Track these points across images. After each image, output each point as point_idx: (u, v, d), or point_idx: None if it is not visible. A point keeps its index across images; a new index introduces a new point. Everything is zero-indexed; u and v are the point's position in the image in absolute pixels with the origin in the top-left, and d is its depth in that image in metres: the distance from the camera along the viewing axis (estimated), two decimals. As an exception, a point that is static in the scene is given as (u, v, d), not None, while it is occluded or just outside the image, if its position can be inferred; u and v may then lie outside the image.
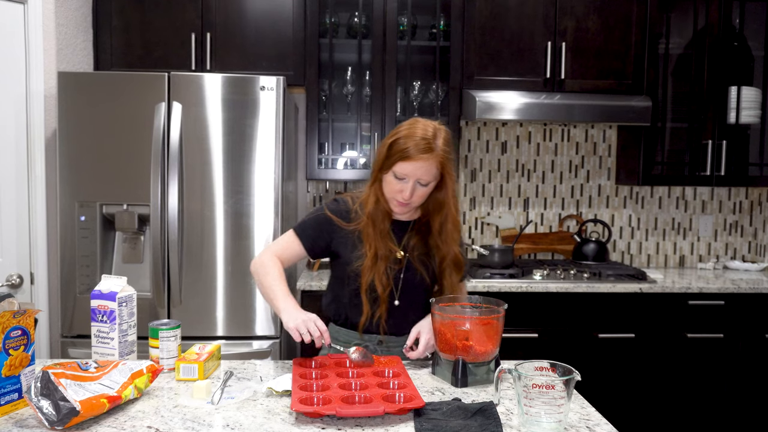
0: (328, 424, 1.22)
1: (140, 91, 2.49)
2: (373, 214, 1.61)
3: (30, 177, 2.52)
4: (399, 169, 1.54)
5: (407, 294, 1.66)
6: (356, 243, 1.63)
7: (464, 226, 3.39)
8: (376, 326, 1.66)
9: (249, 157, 2.53)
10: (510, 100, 2.91)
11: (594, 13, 3.01)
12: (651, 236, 3.47)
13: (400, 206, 1.61)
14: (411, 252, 1.66)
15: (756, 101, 3.09)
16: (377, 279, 1.59)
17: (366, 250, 1.60)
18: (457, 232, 1.67)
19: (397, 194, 1.57)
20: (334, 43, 3.02)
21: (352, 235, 1.64)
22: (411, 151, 1.52)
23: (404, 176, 1.55)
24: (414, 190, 1.56)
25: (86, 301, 2.45)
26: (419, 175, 1.54)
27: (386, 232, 1.63)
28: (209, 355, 1.52)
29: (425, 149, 1.52)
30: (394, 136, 1.56)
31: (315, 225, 1.67)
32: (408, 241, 1.67)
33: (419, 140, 1.53)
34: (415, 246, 1.67)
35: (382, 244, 1.60)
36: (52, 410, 1.17)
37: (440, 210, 1.64)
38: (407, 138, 1.53)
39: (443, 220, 1.64)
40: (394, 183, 1.57)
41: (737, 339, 2.87)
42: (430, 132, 1.55)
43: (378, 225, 1.61)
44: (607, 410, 1.61)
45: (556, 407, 1.19)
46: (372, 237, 1.60)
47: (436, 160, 1.55)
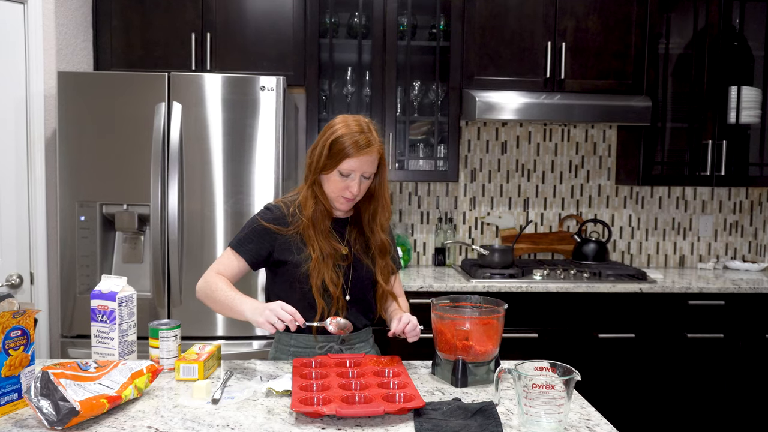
0: (328, 424, 1.22)
1: (140, 91, 2.49)
2: (313, 215, 1.62)
3: (30, 177, 2.52)
4: (345, 166, 1.56)
5: (357, 288, 1.68)
6: (300, 245, 1.63)
7: (464, 226, 3.39)
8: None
9: (249, 157, 2.53)
10: (510, 100, 2.91)
11: (594, 13, 3.01)
12: (651, 236, 3.47)
13: (347, 202, 1.63)
14: (354, 246, 1.68)
15: (756, 101, 3.09)
16: (327, 278, 1.60)
17: (311, 252, 1.60)
18: (386, 219, 1.70)
19: (344, 191, 1.59)
20: (334, 43, 3.02)
21: (293, 239, 1.64)
22: (356, 147, 1.55)
23: (350, 172, 1.57)
24: (360, 184, 1.59)
25: (86, 301, 2.45)
26: (365, 169, 1.58)
27: (328, 231, 1.64)
28: (209, 355, 1.52)
29: (367, 143, 1.56)
30: (332, 135, 1.57)
31: (253, 238, 1.65)
32: (349, 235, 1.69)
33: (360, 136, 1.56)
34: (356, 239, 1.69)
35: (325, 243, 1.61)
36: (51, 410, 1.17)
37: (371, 198, 1.68)
38: (347, 135, 1.56)
39: (374, 209, 1.68)
40: (338, 181, 1.58)
41: (737, 339, 2.86)
42: (364, 126, 1.59)
43: (318, 225, 1.62)
44: (607, 410, 1.61)
45: (556, 407, 1.19)
46: (314, 238, 1.61)
47: (377, 151, 1.60)
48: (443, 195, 3.38)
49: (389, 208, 1.71)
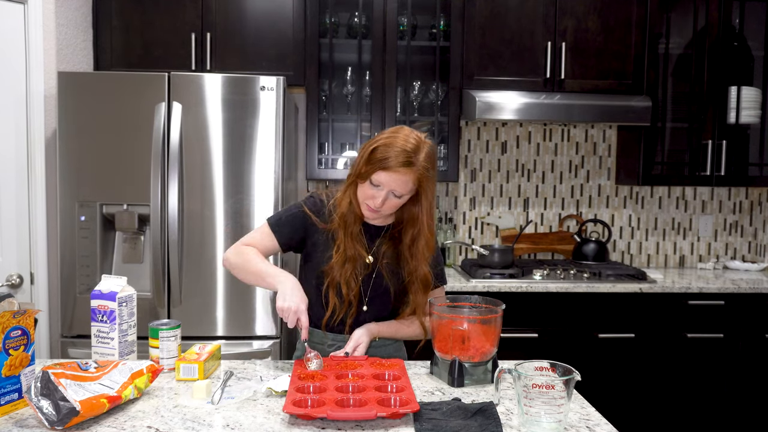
0: (328, 424, 1.22)
1: (140, 91, 2.49)
2: (345, 215, 1.60)
3: (30, 177, 2.52)
4: (375, 177, 1.52)
5: (375, 300, 1.66)
6: (329, 243, 1.62)
7: (464, 226, 3.39)
8: (341, 327, 1.65)
9: (249, 157, 2.53)
10: (510, 100, 2.91)
11: (594, 13, 3.01)
12: (651, 236, 3.47)
13: (370, 212, 1.59)
14: (381, 259, 1.65)
15: (756, 101, 3.09)
16: (343, 279, 1.58)
17: (335, 250, 1.60)
18: (429, 252, 1.62)
19: (369, 200, 1.56)
20: (334, 43, 3.02)
21: (324, 235, 1.63)
22: (390, 162, 1.49)
23: (379, 184, 1.53)
24: (386, 199, 1.54)
25: (86, 301, 2.45)
26: (394, 187, 1.52)
27: (357, 235, 1.62)
28: (209, 355, 1.52)
29: (405, 162, 1.49)
30: (375, 142, 1.53)
31: (291, 221, 1.65)
32: (379, 247, 1.66)
33: (400, 152, 1.49)
34: (386, 253, 1.65)
35: (351, 245, 1.60)
36: (52, 410, 1.17)
37: (413, 224, 1.61)
38: (388, 147, 1.50)
39: (416, 234, 1.61)
40: (367, 188, 1.55)
41: (737, 339, 2.87)
42: (411, 145, 1.51)
43: (349, 227, 1.60)
44: (607, 410, 1.61)
45: (556, 407, 1.19)
46: (342, 238, 1.60)
47: (414, 175, 1.51)
48: (443, 195, 3.38)
49: (431, 240, 1.61)
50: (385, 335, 1.68)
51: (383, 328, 1.67)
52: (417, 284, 1.64)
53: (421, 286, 1.64)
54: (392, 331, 1.69)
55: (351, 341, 1.61)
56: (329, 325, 1.65)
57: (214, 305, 2.54)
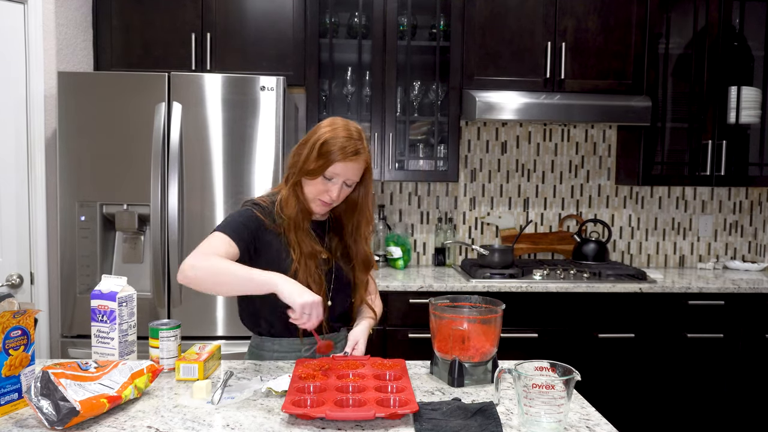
0: (328, 424, 1.22)
1: (140, 91, 2.49)
2: (294, 215, 1.59)
3: (30, 177, 2.52)
4: (330, 170, 1.53)
5: (338, 295, 1.67)
6: (286, 248, 1.58)
7: (464, 226, 3.39)
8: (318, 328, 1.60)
9: (249, 157, 2.53)
10: (510, 100, 2.91)
11: (594, 13, 3.01)
12: (651, 236, 3.47)
13: (324, 206, 1.60)
14: (334, 253, 1.67)
15: (756, 101, 3.09)
16: (310, 278, 1.56)
17: (293, 252, 1.57)
18: (368, 231, 1.68)
19: (323, 194, 1.57)
20: (334, 43, 3.02)
21: (279, 240, 1.59)
22: (343, 153, 1.52)
23: (334, 176, 1.54)
24: (340, 189, 1.57)
25: (86, 301, 2.45)
26: (349, 176, 1.56)
27: (308, 232, 1.62)
28: (209, 355, 1.52)
29: (355, 151, 1.54)
30: (320, 138, 1.54)
31: (247, 225, 1.56)
32: (330, 242, 1.68)
33: (348, 142, 1.53)
34: (336, 246, 1.68)
35: (307, 243, 1.59)
36: (52, 410, 1.17)
37: (355, 209, 1.66)
38: (336, 139, 1.53)
39: (359, 219, 1.66)
40: (320, 183, 1.56)
41: (737, 339, 2.87)
42: (354, 132, 1.56)
43: (299, 225, 1.60)
44: (607, 410, 1.61)
45: (556, 407, 1.19)
46: (295, 238, 1.58)
47: (363, 160, 1.57)
48: (443, 195, 3.38)
49: (373, 219, 1.70)
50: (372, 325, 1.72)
51: (372, 322, 1.71)
52: (359, 266, 1.68)
53: (363, 266, 1.69)
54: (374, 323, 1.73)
55: (350, 341, 1.61)
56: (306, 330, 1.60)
57: (214, 305, 2.54)
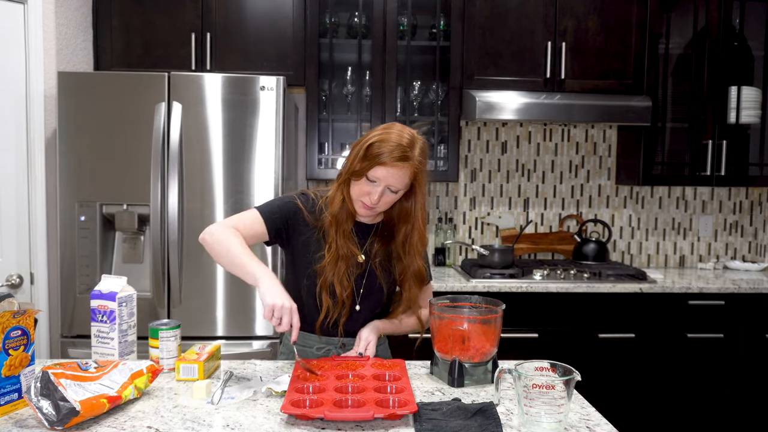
0: (328, 424, 1.22)
1: (140, 91, 2.49)
2: (338, 213, 1.58)
3: (30, 177, 2.52)
4: (373, 172, 1.51)
5: (367, 299, 1.65)
6: (320, 243, 1.60)
7: (464, 226, 3.39)
8: (334, 328, 1.63)
9: (249, 157, 2.53)
10: (510, 100, 2.91)
11: (594, 13, 3.01)
12: (651, 236, 3.47)
13: (365, 209, 1.57)
14: (373, 258, 1.64)
15: (756, 101, 3.09)
16: (336, 279, 1.56)
17: (326, 250, 1.57)
18: (422, 245, 1.64)
19: (364, 197, 1.55)
20: (334, 43, 3.02)
21: (315, 234, 1.61)
22: (386, 156, 1.49)
23: (376, 179, 1.52)
24: (382, 195, 1.53)
25: (86, 301, 2.45)
26: (391, 182, 1.51)
27: (349, 233, 1.60)
28: (209, 355, 1.52)
29: (401, 157, 1.49)
30: (370, 139, 1.53)
31: (283, 211, 1.61)
32: (370, 245, 1.65)
33: (396, 146, 1.50)
34: (378, 252, 1.64)
35: (343, 244, 1.58)
36: (51, 410, 1.17)
37: (406, 220, 1.61)
38: (383, 143, 1.50)
39: (409, 230, 1.61)
40: (363, 185, 1.54)
41: (737, 339, 2.86)
42: (406, 140, 1.52)
43: (341, 225, 1.59)
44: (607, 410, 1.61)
45: (556, 407, 1.19)
46: (334, 236, 1.58)
47: (410, 169, 1.52)
48: (443, 195, 3.38)
49: (424, 234, 1.62)
50: (388, 332, 1.69)
51: (386, 325, 1.67)
52: (411, 279, 1.64)
53: (416, 280, 1.65)
54: (393, 327, 1.69)
55: (361, 341, 1.59)
56: (323, 326, 1.62)
57: (214, 305, 2.54)
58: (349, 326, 1.64)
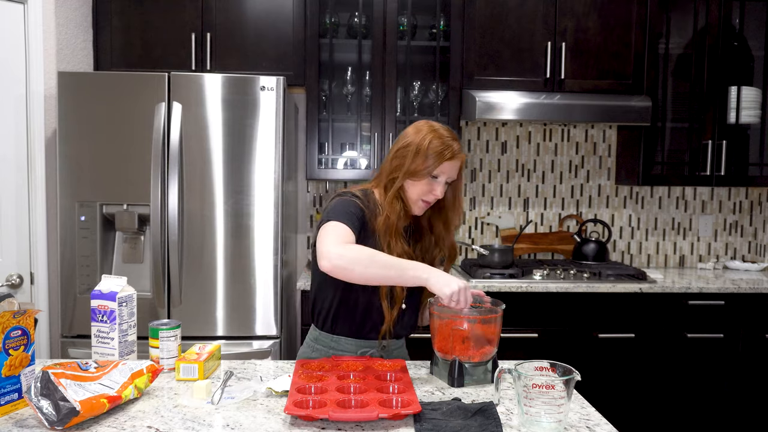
0: (329, 424, 1.22)
1: (140, 91, 2.49)
2: (395, 216, 1.57)
3: (30, 177, 2.52)
4: (439, 169, 1.55)
5: (411, 299, 1.66)
6: (376, 246, 1.55)
7: (464, 226, 3.39)
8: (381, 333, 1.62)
9: (249, 157, 2.53)
10: (510, 100, 2.91)
11: (594, 13, 3.01)
12: (651, 236, 3.47)
13: (425, 206, 1.61)
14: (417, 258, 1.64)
15: (756, 101, 3.09)
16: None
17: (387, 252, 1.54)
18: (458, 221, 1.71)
19: (427, 195, 1.58)
20: (334, 43, 3.02)
21: (372, 238, 1.57)
22: (451, 151, 1.54)
23: (440, 174, 1.56)
24: (444, 187, 1.59)
25: (86, 301, 2.45)
26: (452, 174, 1.58)
27: (402, 234, 1.61)
28: (209, 355, 1.52)
29: (459, 148, 1.57)
30: (424, 139, 1.54)
31: (355, 215, 1.55)
32: (412, 242, 1.67)
33: (453, 141, 1.56)
34: (415, 247, 1.67)
35: (399, 245, 1.57)
36: (52, 410, 1.17)
37: (451, 205, 1.66)
38: (441, 139, 1.55)
39: (452, 214, 1.67)
40: (425, 184, 1.56)
41: (737, 339, 2.87)
42: (451, 132, 1.59)
43: (399, 229, 1.58)
44: (607, 410, 1.61)
45: (556, 407, 1.19)
46: (393, 239, 1.56)
47: (463, 158, 1.61)
48: (443, 195, 3.37)
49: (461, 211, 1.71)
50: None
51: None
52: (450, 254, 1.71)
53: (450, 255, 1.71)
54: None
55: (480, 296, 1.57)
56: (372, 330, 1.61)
57: (214, 305, 2.54)
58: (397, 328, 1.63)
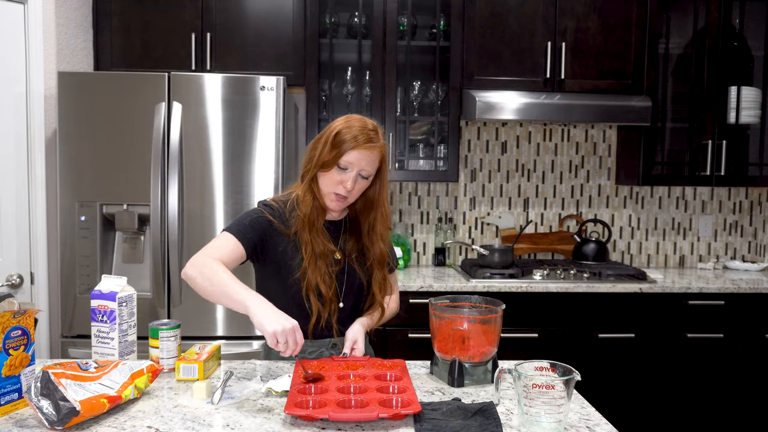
0: (329, 424, 1.22)
1: (140, 91, 2.49)
2: (309, 212, 1.58)
3: (30, 177, 2.52)
4: (344, 159, 1.53)
5: (349, 296, 1.66)
6: (297, 248, 1.59)
7: (464, 226, 3.39)
8: (328, 329, 1.63)
9: (249, 157, 2.53)
10: (510, 100, 2.91)
11: (594, 13, 3.01)
12: (651, 236, 3.47)
13: (338, 200, 1.58)
14: (349, 254, 1.65)
15: (756, 101, 3.09)
16: (320, 278, 1.57)
17: (304, 251, 1.57)
18: (386, 230, 1.67)
19: (337, 186, 1.56)
20: (334, 43, 3.02)
21: (291, 241, 1.60)
22: (355, 140, 1.53)
23: (348, 165, 1.54)
24: (355, 181, 1.56)
25: (86, 301, 2.45)
26: (363, 165, 1.54)
27: (322, 230, 1.61)
28: (209, 355, 1.52)
29: (368, 140, 1.54)
30: (334, 129, 1.56)
31: (255, 226, 1.58)
32: (344, 243, 1.67)
33: (362, 130, 1.54)
34: (351, 247, 1.67)
35: (319, 242, 1.58)
36: (52, 410, 1.17)
37: (371, 208, 1.65)
38: (350, 128, 1.55)
39: (374, 218, 1.65)
40: (335, 174, 1.55)
41: (737, 339, 2.87)
42: (370, 124, 1.58)
43: (314, 223, 1.59)
44: (607, 410, 1.61)
45: (556, 407, 1.19)
46: (308, 236, 1.58)
47: (380, 152, 1.58)
48: (443, 195, 3.38)
49: (389, 216, 1.68)
50: (374, 326, 1.70)
51: (370, 321, 1.68)
52: (375, 265, 1.67)
53: (377, 264, 1.67)
54: (376, 320, 1.70)
55: (347, 341, 1.60)
56: (316, 330, 1.61)
57: (214, 305, 2.54)
58: (338, 325, 1.64)
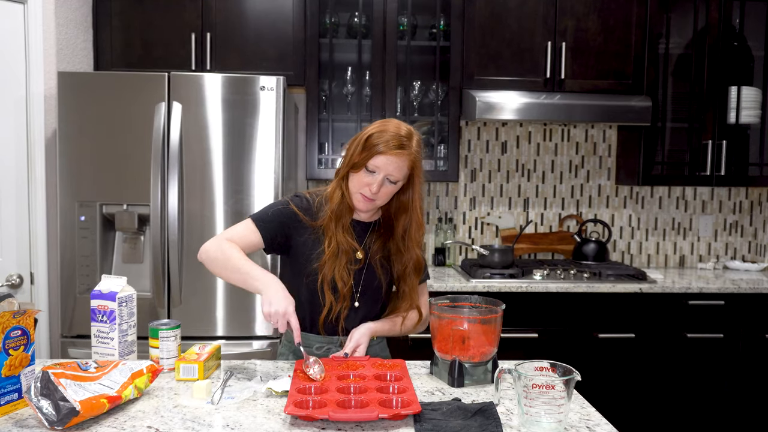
0: (328, 424, 1.22)
1: (140, 91, 2.49)
2: (337, 208, 1.60)
3: (30, 177, 2.52)
4: (372, 162, 1.53)
5: (366, 296, 1.66)
6: (319, 240, 1.61)
7: (464, 226, 3.39)
8: (336, 325, 1.64)
9: (249, 157, 2.53)
10: (510, 100, 2.91)
11: (594, 13, 3.01)
12: (651, 236, 3.47)
13: (365, 201, 1.59)
14: (373, 255, 1.65)
15: (756, 101, 3.09)
16: (337, 273, 1.58)
17: (326, 245, 1.58)
18: (420, 236, 1.66)
19: (364, 188, 1.56)
20: (334, 43, 3.02)
21: (313, 234, 1.62)
22: (386, 145, 1.52)
23: (375, 169, 1.54)
24: (381, 185, 1.55)
25: (86, 301, 2.45)
26: (390, 171, 1.54)
27: (348, 228, 1.62)
28: (209, 355, 1.52)
29: (400, 146, 1.53)
30: (368, 132, 1.56)
31: (277, 217, 1.62)
32: (370, 243, 1.66)
33: (394, 136, 1.54)
34: (378, 249, 1.66)
35: (343, 238, 1.59)
36: (52, 410, 1.17)
37: (405, 212, 1.63)
38: (382, 133, 1.54)
39: (407, 223, 1.63)
40: (363, 176, 1.56)
41: (737, 339, 2.87)
42: (404, 131, 1.57)
43: (341, 219, 1.60)
44: (607, 410, 1.61)
45: (556, 407, 1.19)
46: (333, 231, 1.59)
47: (409, 158, 1.55)
48: (443, 195, 3.38)
49: (421, 225, 1.65)
50: (382, 333, 1.68)
51: (381, 326, 1.67)
52: (411, 271, 1.66)
53: (414, 271, 1.66)
54: (389, 328, 1.69)
55: (351, 342, 1.59)
56: (326, 323, 1.63)
57: (214, 305, 2.54)
58: (349, 324, 1.64)
